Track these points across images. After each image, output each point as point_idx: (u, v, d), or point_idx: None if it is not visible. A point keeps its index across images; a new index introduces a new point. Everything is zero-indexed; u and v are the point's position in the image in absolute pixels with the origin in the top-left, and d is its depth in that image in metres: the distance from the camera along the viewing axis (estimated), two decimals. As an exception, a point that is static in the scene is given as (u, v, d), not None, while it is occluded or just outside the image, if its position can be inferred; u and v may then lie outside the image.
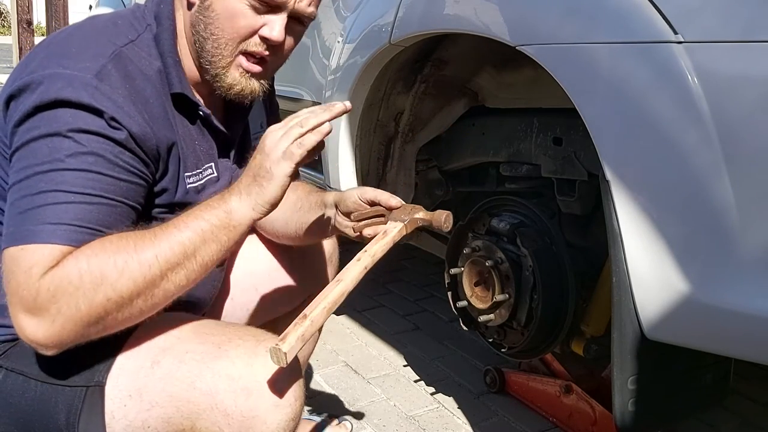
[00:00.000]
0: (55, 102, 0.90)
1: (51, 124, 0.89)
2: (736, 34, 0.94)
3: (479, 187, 1.87)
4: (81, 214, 0.88)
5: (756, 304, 0.96)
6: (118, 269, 0.86)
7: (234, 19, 1.01)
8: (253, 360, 0.94)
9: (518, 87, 1.64)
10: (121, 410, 0.95)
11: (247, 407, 0.92)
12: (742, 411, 1.80)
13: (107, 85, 0.93)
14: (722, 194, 0.96)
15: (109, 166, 0.91)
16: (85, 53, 0.96)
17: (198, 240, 0.91)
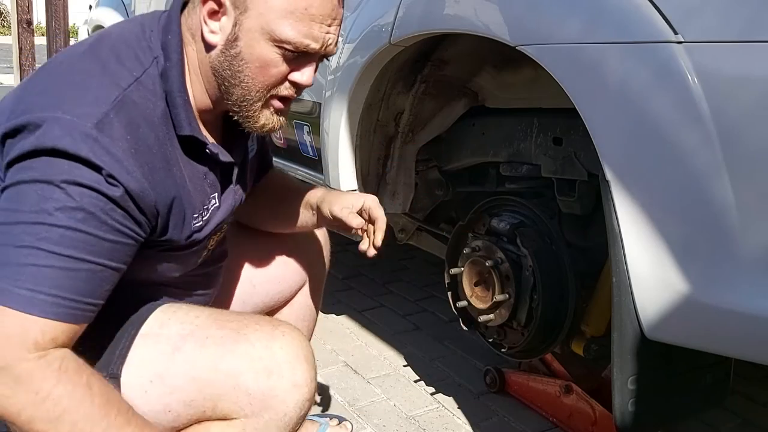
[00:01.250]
0: (52, 150, 0.87)
1: (45, 170, 0.86)
2: (736, 34, 0.94)
3: (479, 187, 1.87)
4: (61, 281, 0.86)
5: (756, 304, 0.96)
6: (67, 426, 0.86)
7: (266, 68, 0.99)
8: (272, 343, 1.01)
9: (518, 87, 1.64)
10: (142, 397, 0.98)
11: (267, 387, 0.99)
12: (742, 411, 1.80)
13: (107, 137, 0.89)
14: (722, 194, 0.96)
15: (97, 225, 0.88)
16: (86, 95, 0.92)
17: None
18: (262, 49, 0.98)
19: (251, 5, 0.96)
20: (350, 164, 1.81)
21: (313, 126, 2.02)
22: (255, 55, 0.98)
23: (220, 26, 0.99)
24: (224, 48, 0.99)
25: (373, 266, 2.82)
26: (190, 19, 1.03)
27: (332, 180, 1.85)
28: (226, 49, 0.99)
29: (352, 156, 1.80)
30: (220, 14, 0.99)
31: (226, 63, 1.00)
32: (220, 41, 0.99)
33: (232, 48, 0.99)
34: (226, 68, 1.00)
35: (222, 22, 0.99)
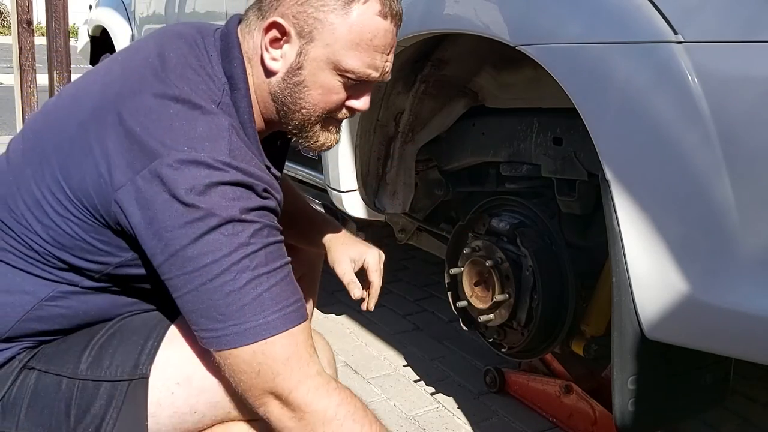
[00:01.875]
0: (208, 186, 0.88)
1: (217, 213, 0.88)
2: (736, 34, 0.94)
3: (479, 187, 1.87)
4: (289, 289, 0.93)
5: (756, 304, 0.96)
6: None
7: (328, 95, 1.02)
8: None
9: (518, 87, 1.64)
10: (168, 398, 0.98)
11: None
12: (742, 411, 1.80)
13: (243, 162, 0.92)
14: (722, 194, 0.96)
15: (276, 233, 0.94)
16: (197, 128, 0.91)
17: None
18: (326, 78, 1.01)
19: (317, 36, 0.99)
20: (350, 164, 1.81)
21: (313, 126, 2.01)
22: (318, 83, 1.01)
23: (282, 53, 1.01)
24: (286, 75, 1.01)
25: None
26: (245, 42, 1.03)
27: (332, 180, 1.85)
28: (288, 76, 1.01)
29: (352, 156, 1.80)
30: (282, 42, 1.00)
31: (287, 90, 1.02)
32: (282, 68, 1.01)
33: (296, 76, 1.01)
34: (287, 95, 1.02)
35: (284, 50, 1.01)
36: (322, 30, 0.98)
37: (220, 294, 0.89)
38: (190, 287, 0.89)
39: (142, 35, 3.44)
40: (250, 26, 1.04)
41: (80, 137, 0.94)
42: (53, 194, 0.95)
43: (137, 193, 0.89)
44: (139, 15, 3.42)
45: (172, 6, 3.00)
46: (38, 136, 1.01)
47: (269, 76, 1.02)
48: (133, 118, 0.92)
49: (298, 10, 0.98)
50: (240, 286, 0.88)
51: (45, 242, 0.96)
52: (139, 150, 0.90)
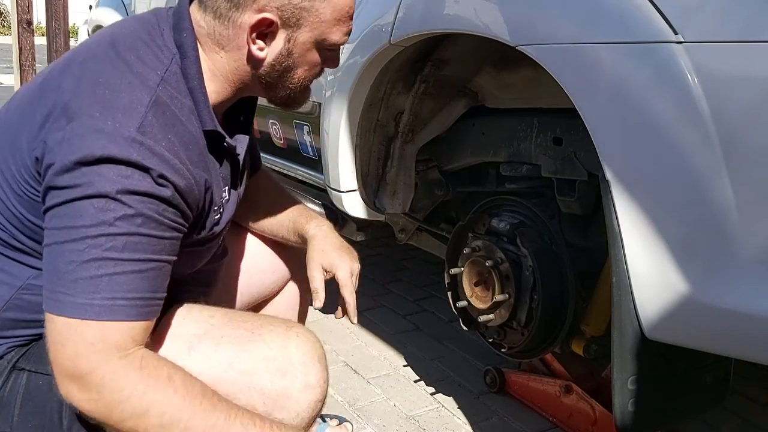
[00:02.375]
0: (99, 159, 0.88)
1: (96, 184, 0.87)
2: (736, 34, 0.94)
3: (479, 187, 1.87)
4: (134, 284, 0.90)
5: (756, 304, 0.96)
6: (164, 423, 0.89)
7: (313, 68, 1.09)
8: (286, 343, 1.02)
9: (518, 87, 1.64)
10: None
11: (281, 386, 1.00)
12: (742, 411, 1.80)
13: (151, 139, 0.91)
14: (722, 194, 0.96)
15: (155, 226, 0.91)
16: (120, 98, 0.92)
17: None
18: (312, 55, 1.06)
19: (304, 22, 1.02)
20: (350, 164, 1.81)
21: (313, 126, 2.02)
22: (305, 61, 1.06)
23: (269, 43, 1.03)
24: (275, 62, 1.05)
25: (373, 266, 2.82)
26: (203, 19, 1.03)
27: (332, 180, 1.85)
28: (276, 62, 1.05)
29: (352, 156, 1.80)
30: (268, 33, 1.02)
31: (276, 74, 1.06)
32: (269, 56, 1.04)
33: (286, 61, 1.05)
34: (276, 78, 1.07)
35: (271, 39, 1.03)
36: (309, 16, 1.02)
37: (64, 259, 0.88)
38: (47, 241, 0.90)
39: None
40: (217, 13, 1.02)
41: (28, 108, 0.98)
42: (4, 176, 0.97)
43: (45, 149, 0.91)
44: (139, 15, 3.42)
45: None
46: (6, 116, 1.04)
47: (256, 64, 1.05)
48: (69, 83, 0.95)
49: (282, 2, 1.00)
50: (83, 260, 0.87)
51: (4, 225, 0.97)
52: (60, 112, 0.91)
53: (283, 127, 2.26)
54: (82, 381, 0.88)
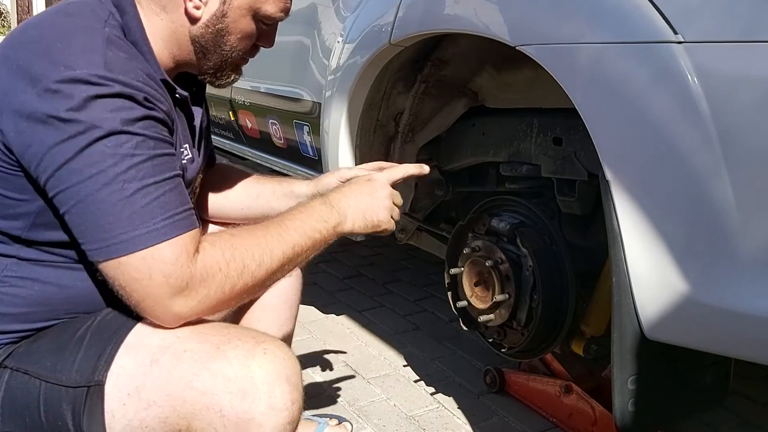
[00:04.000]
0: (85, 101, 0.89)
1: (98, 124, 0.90)
2: (736, 34, 0.94)
3: (479, 187, 1.87)
4: (176, 199, 0.95)
5: (756, 304, 0.96)
6: (256, 261, 0.99)
7: (246, 39, 1.12)
8: (250, 361, 0.94)
9: (518, 87, 1.64)
10: (120, 409, 0.94)
11: (242, 409, 0.92)
12: (742, 411, 1.80)
13: (120, 73, 0.93)
14: (722, 194, 0.96)
15: (163, 145, 0.96)
16: (74, 45, 0.93)
17: (309, 246, 1.07)
18: (246, 24, 1.10)
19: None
20: (350, 164, 1.81)
21: (313, 126, 2.02)
22: (239, 28, 1.10)
23: (205, 2, 1.07)
24: (209, 22, 1.08)
25: (373, 266, 2.83)
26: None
27: (332, 180, 1.85)
28: (210, 23, 1.08)
29: (352, 156, 1.80)
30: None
31: (209, 35, 1.09)
32: (205, 15, 1.07)
33: (219, 23, 1.08)
34: (208, 40, 1.09)
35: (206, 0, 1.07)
36: None
37: (108, 203, 0.90)
38: (76, 199, 0.90)
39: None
40: None
41: None
42: None
43: (16, 118, 0.91)
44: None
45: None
46: None
47: (192, 23, 1.08)
48: (17, 50, 0.95)
49: None
50: (128, 195, 0.90)
51: None
52: (21, 76, 0.92)
53: (283, 127, 2.26)
54: (186, 291, 0.93)
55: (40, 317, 1.02)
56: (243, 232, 1.02)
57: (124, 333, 0.98)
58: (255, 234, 1.02)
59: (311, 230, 1.08)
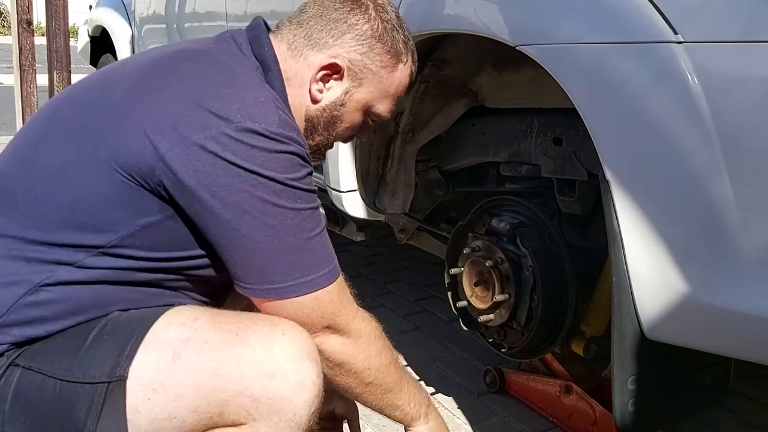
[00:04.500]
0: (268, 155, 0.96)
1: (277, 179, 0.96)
2: (736, 34, 0.94)
3: (479, 187, 1.87)
4: (331, 248, 1.06)
5: (756, 304, 0.96)
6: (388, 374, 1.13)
7: (352, 129, 1.20)
8: (271, 344, 0.99)
9: (518, 87, 1.64)
10: (145, 404, 0.96)
11: (273, 389, 0.97)
12: (742, 411, 1.80)
13: (291, 131, 1.00)
14: (722, 194, 0.96)
15: (318, 199, 1.05)
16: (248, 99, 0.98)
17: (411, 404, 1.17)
18: (357, 116, 1.18)
19: (366, 83, 1.15)
20: (350, 164, 1.81)
21: (313, 126, 2.01)
22: (351, 119, 1.18)
23: (328, 87, 1.14)
24: (327, 107, 1.15)
25: (373, 266, 2.82)
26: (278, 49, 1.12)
27: (332, 180, 1.85)
28: (328, 108, 1.15)
29: (352, 156, 1.80)
30: (331, 78, 1.14)
31: (323, 118, 1.16)
32: (324, 100, 1.14)
33: (336, 110, 1.15)
34: (321, 122, 1.16)
35: (331, 84, 1.14)
36: (372, 79, 1.15)
37: (288, 252, 0.99)
38: (259, 246, 0.98)
39: (142, 35, 3.44)
40: (292, 46, 1.13)
41: (120, 104, 1.00)
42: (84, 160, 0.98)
43: (193, 157, 0.94)
44: (139, 15, 3.42)
45: (172, 6, 3.00)
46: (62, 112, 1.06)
47: (311, 102, 1.14)
48: (177, 83, 0.99)
49: (356, 57, 1.13)
50: (302, 246, 1.00)
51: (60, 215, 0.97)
52: (192, 116, 0.95)
53: (283, 127, 2.26)
54: (343, 331, 1.06)
55: (58, 322, 1.02)
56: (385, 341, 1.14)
57: (144, 330, 1.00)
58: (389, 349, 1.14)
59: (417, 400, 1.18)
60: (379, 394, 1.13)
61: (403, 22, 1.19)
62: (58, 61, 2.99)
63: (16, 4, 3.12)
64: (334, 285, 1.04)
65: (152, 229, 0.99)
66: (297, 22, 1.15)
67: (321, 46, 1.12)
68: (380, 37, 1.13)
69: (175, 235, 1.01)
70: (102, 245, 0.99)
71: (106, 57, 3.87)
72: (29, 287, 0.98)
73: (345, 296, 1.07)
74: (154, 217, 0.99)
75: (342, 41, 1.12)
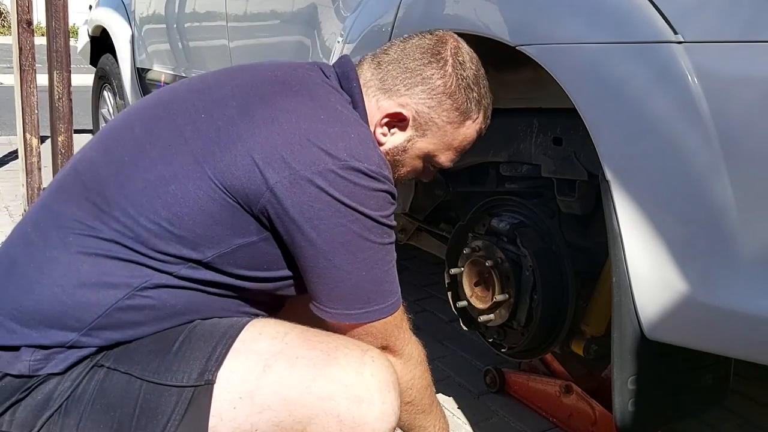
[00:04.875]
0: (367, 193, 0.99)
1: (374, 217, 1.00)
2: (736, 34, 0.94)
3: (479, 187, 1.87)
4: (397, 276, 1.09)
5: (756, 304, 0.96)
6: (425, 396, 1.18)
7: (411, 173, 1.23)
8: (362, 369, 1.00)
9: (518, 87, 1.63)
10: (230, 412, 0.96)
11: (359, 414, 0.97)
12: (742, 411, 1.80)
13: (388, 171, 1.04)
14: (722, 194, 0.96)
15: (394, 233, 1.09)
16: (352, 138, 1.01)
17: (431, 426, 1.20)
18: (418, 163, 1.21)
19: (430, 134, 1.17)
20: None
21: (313, 126, 2.01)
22: (412, 165, 1.21)
23: (392, 133, 1.17)
24: (389, 151, 1.17)
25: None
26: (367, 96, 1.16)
27: (332, 180, 1.85)
28: (390, 152, 1.17)
29: (352, 156, 1.79)
30: (395, 125, 1.16)
31: (396, 155, 1.18)
32: (387, 144, 1.17)
33: (397, 155, 1.18)
34: (390, 158, 1.17)
35: (395, 131, 1.17)
36: (437, 132, 1.17)
37: (371, 283, 1.03)
38: (347, 277, 1.01)
39: (142, 35, 3.44)
40: (367, 85, 1.16)
41: (228, 128, 1.01)
42: (188, 177, 0.99)
43: (299, 190, 0.97)
44: (139, 15, 3.43)
45: (172, 6, 3.00)
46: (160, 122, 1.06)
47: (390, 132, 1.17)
48: (287, 117, 1.01)
49: (423, 109, 1.15)
50: (382, 278, 1.04)
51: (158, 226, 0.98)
52: (302, 150, 0.98)
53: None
54: (398, 352, 1.11)
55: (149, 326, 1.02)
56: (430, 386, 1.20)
57: (232, 338, 1.01)
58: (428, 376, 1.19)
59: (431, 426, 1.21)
60: (413, 414, 1.17)
61: (482, 79, 1.22)
62: (58, 61, 2.99)
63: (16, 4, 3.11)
64: (399, 312, 1.09)
65: (247, 249, 1.02)
66: (377, 63, 1.17)
67: (392, 93, 1.15)
68: (452, 94, 1.15)
69: (267, 257, 1.04)
70: (199, 259, 1.00)
71: (106, 57, 3.87)
72: (127, 291, 0.98)
73: (404, 322, 1.13)
74: (251, 238, 1.01)
75: (413, 92, 1.14)
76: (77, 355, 0.98)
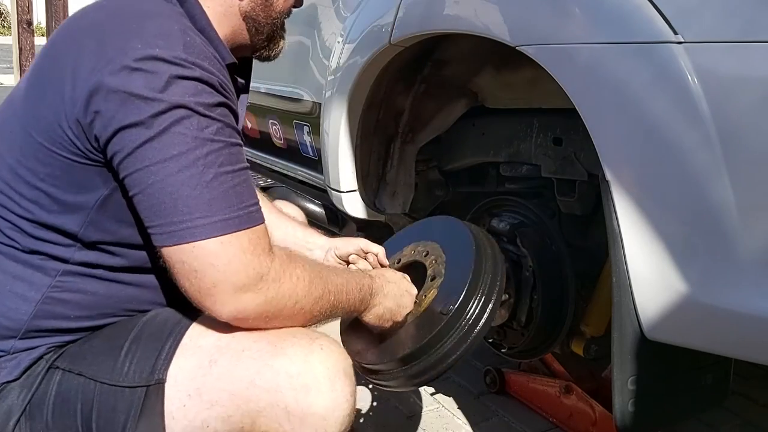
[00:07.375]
0: (169, 81, 0.88)
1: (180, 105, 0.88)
2: (736, 34, 0.94)
3: (479, 188, 1.87)
4: (250, 190, 0.94)
5: (756, 304, 0.96)
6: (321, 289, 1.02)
7: (287, 1, 1.15)
8: (309, 357, 0.96)
9: (518, 87, 1.64)
10: (180, 410, 0.95)
11: (306, 403, 0.94)
12: (742, 411, 1.80)
13: (198, 57, 0.92)
14: (722, 194, 0.96)
15: (236, 134, 0.96)
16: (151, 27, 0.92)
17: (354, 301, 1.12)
18: None
19: None
20: (350, 164, 1.81)
21: (313, 126, 2.02)
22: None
23: None
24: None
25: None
26: None
27: (332, 180, 1.85)
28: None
29: (352, 156, 1.80)
30: None
31: (258, 7, 1.11)
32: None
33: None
34: (259, 12, 1.11)
35: None
36: None
37: (188, 186, 0.88)
38: (154, 179, 0.88)
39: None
40: None
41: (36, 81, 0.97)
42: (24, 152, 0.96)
43: (98, 96, 0.89)
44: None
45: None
46: None
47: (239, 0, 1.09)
48: (85, 31, 0.95)
49: None
50: (207, 180, 0.89)
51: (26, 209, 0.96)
52: (97, 58, 0.90)
53: (283, 128, 2.26)
54: (258, 286, 0.93)
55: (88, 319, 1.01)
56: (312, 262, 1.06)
57: (180, 334, 0.99)
58: (321, 267, 1.07)
59: (357, 286, 1.12)
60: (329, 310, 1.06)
61: None
62: (58, 61, 2.99)
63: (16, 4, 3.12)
64: (250, 231, 0.93)
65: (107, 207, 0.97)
66: None
67: None
68: None
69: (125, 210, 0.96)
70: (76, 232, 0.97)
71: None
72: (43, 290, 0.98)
73: (261, 245, 0.94)
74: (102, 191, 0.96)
75: None
76: (29, 358, 0.98)
